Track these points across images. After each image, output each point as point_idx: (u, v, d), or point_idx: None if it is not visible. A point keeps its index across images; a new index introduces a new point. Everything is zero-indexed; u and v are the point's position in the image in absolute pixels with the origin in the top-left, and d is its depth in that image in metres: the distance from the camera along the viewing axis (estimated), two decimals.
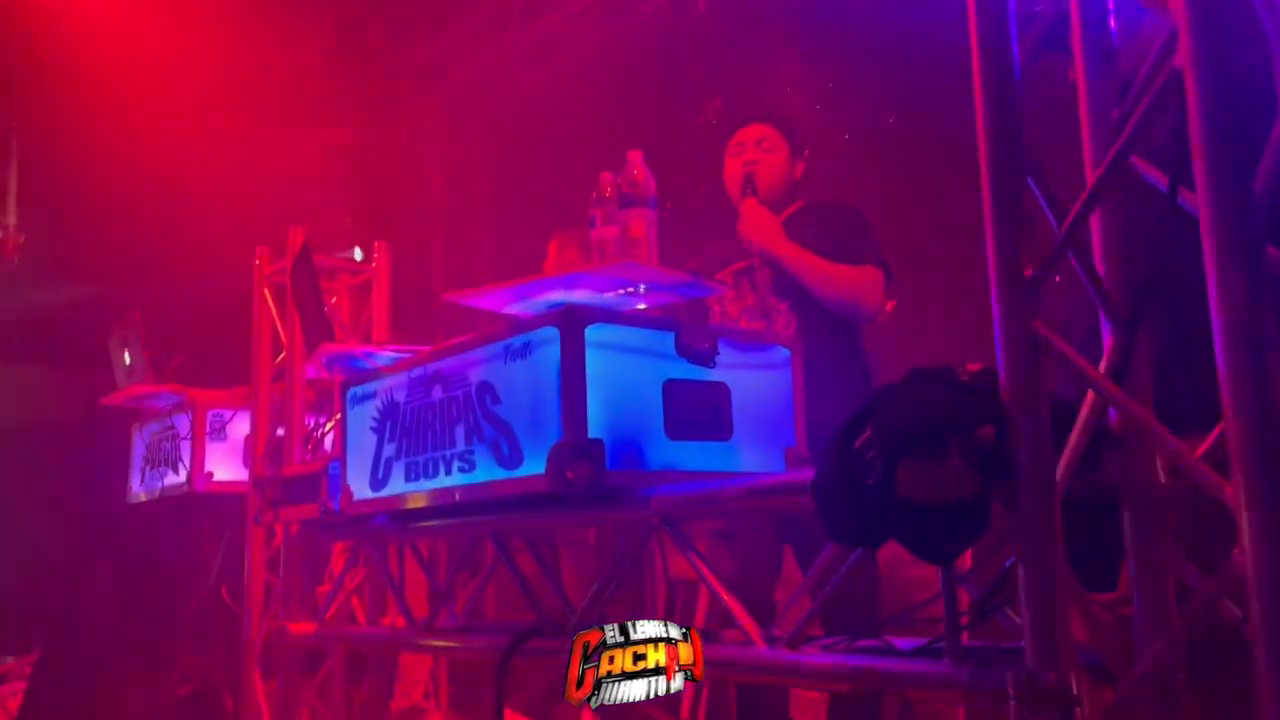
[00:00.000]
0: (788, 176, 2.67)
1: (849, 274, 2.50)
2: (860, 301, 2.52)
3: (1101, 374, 1.27)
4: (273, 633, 2.84)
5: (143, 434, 3.72)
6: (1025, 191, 1.29)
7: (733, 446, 1.95)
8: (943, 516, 1.24)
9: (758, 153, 2.64)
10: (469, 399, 1.99)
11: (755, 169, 2.60)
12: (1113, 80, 1.45)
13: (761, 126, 2.67)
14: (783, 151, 2.66)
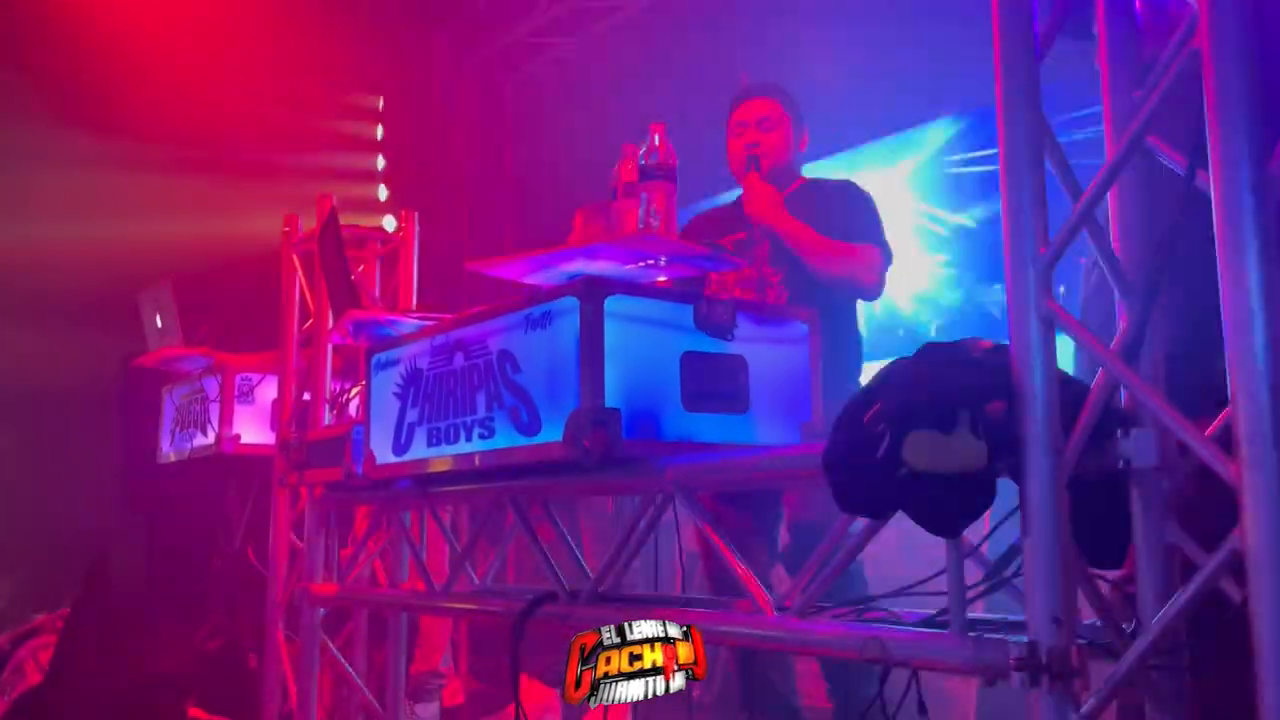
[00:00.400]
0: (791, 151, 2.68)
1: (848, 251, 2.53)
2: (857, 279, 2.55)
3: (1112, 352, 1.28)
4: (296, 593, 2.90)
5: (173, 396, 3.79)
6: (1042, 169, 1.30)
7: (749, 419, 1.97)
8: (949, 488, 1.26)
9: (759, 133, 2.65)
10: (490, 367, 2.03)
11: (758, 150, 2.61)
12: (1136, 63, 1.45)
13: (763, 102, 2.67)
14: (785, 126, 2.67)
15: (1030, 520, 1.26)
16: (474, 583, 2.58)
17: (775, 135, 2.65)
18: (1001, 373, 1.29)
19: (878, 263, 2.56)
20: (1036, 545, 1.25)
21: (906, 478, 1.28)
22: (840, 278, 2.53)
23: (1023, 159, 1.29)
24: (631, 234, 1.78)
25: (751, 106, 2.68)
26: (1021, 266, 1.28)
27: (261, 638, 3.29)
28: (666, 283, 2.05)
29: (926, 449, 1.26)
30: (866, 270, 2.54)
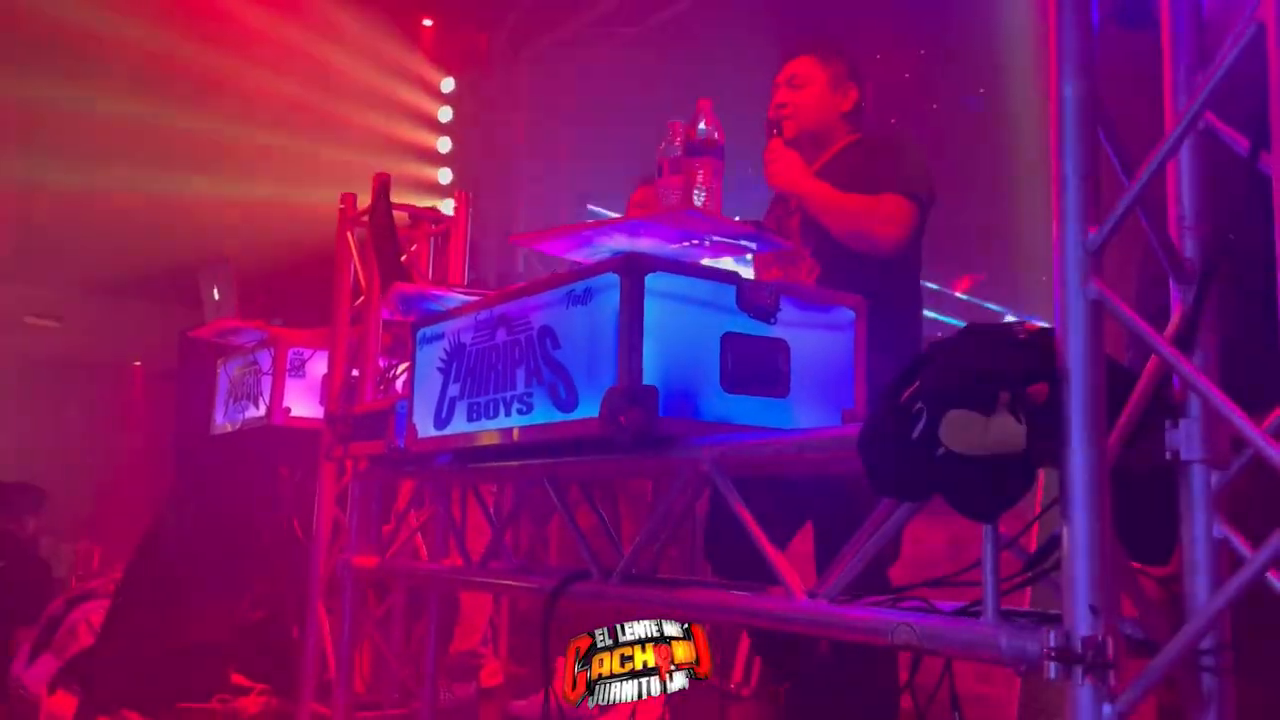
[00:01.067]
0: (827, 109, 2.51)
1: (860, 204, 2.34)
2: (869, 232, 2.32)
3: (1165, 339, 1.24)
4: (337, 565, 2.94)
5: (227, 369, 3.86)
6: (1095, 143, 1.25)
7: (789, 404, 1.94)
8: (986, 471, 1.22)
9: (788, 93, 2.50)
10: (530, 342, 2.03)
11: (784, 111, 2.48)
12: (1198, 46, 1.40)
13: (797, 60, 2.52)
14: (818, 84, 2.51)
15: (1070, 507, 1.22)
16: (509, 559, 2.58)
17: (805, 94, 2.49)
18: (1046, 355, 1.25)
19: (897, 213, 2.32)
20: (1076, 533, 1.20)
21: (942, 459, 1.24)
22: (855, 233, 2.33)
23: (1074, 131, 1.24)
24: (675, 209, 1.76)
25: (787, 65, 2.54)
26: (1070, 246, 1.24)
27: (304, 609, 3.34)
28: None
29: (964, 430, 1.22)
30: (882, 221, 2.32)
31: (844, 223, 2.35)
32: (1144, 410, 1.29)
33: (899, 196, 2.35)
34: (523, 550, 3.78)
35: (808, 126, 2.50)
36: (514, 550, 3.57)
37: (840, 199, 2.36)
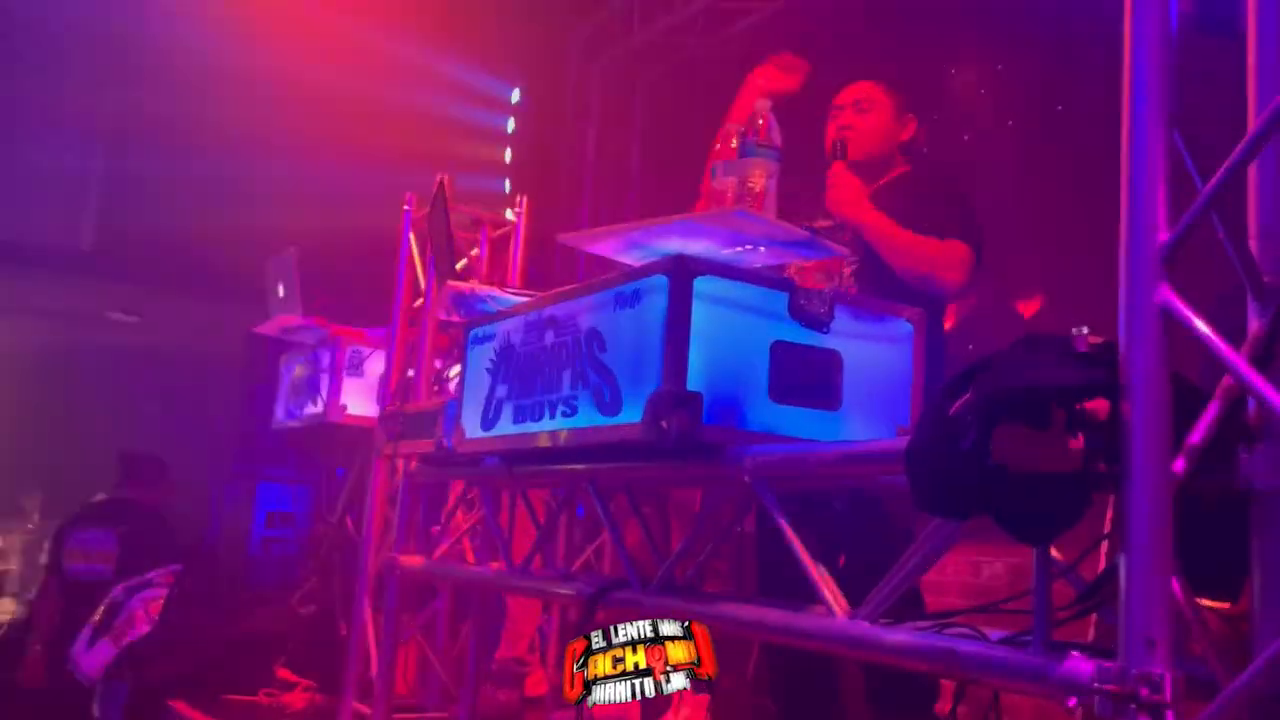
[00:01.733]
0: (888, 138, 2.52)
1: (928, 246, 2.36)
2: (936, 276, 2.36)
3: (1240, 355, 1.15)
4: (383, 564, 2.93)
5: (289, 365, 3.91)
6: (1170, 143, 1.17)
7: (840, 418, 1.87)
8: (1040, 490, 1.15)
9: (853, 115, 2.51)
10: (578, 344, 1.99)
11: (848, 134, 2.47)
12: None
13: (862, 84, 2.53)
14: (883, 111, 2.52)
15: (1129, 533, 1.13)
16: (553, 566, 2.55)
17: (870, 118, 2.51)
18: (1109, 370, 1.18)
19: (961, 259, 2.37)
20: (1134, 560, 1.12)
21: (992, 476, 1.17)
22: (920, 275, 2.35)
23: (1148, 130, 1.17)
24: (726, 209, 1.71)
25: (851, 89, 2.56)
26: (1139, 251, 1.16)
27: (352, 607, 3.34)
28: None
29: (1016, 445, 1.15)
30: (948, 266, 2.36)
31: (911, 262, 2.37)
32: (1216, 432, 1.20)
33: (964, 244, 2.39)
34: (575, 559, 3.75)
35: (870, 151, 2.52)
36: (565, 558, 3.54)
37: (907, 238, 2.37)
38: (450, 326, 3.15)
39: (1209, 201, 1.18)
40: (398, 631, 2.91)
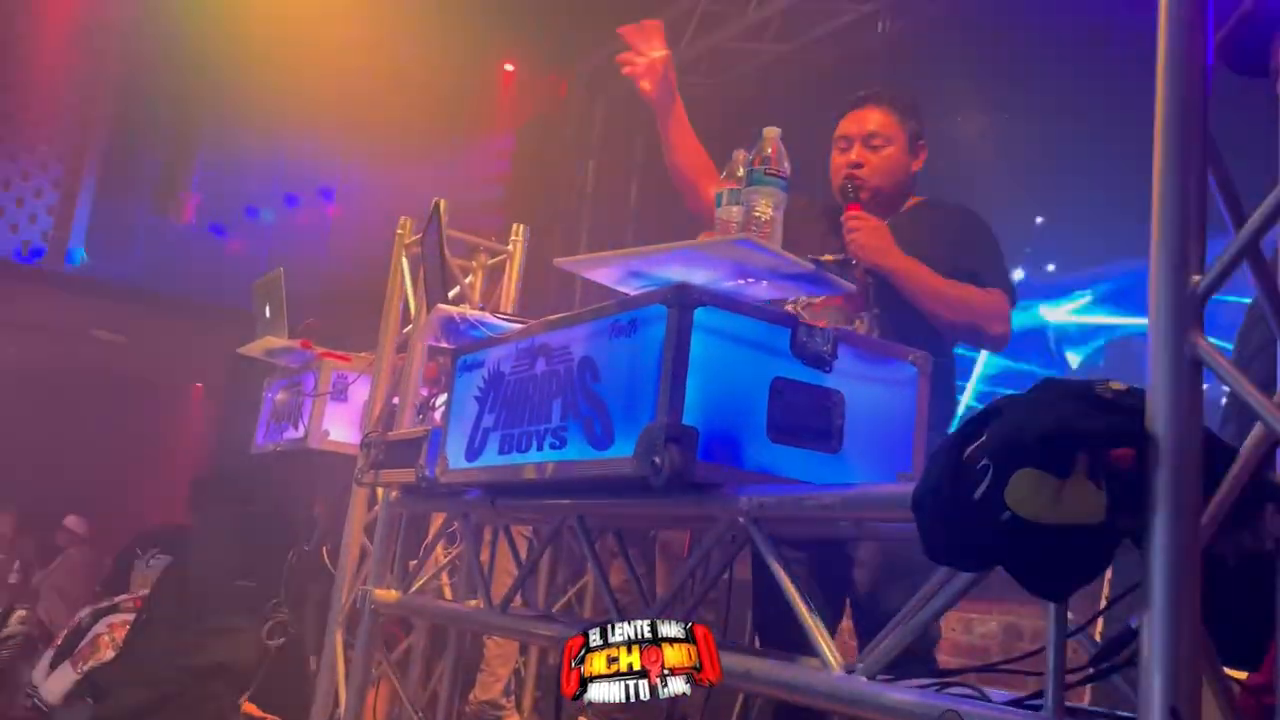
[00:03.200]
0: (901, 171, 2.35)
1: (974, 297, 2.23)
2: (985, 329, 2.25)
3: (1275, 404, 1.08)
4: (357, 597, 2.83)
5: (272, 389, 3.82)
6: (1203, 185, 1.12)
7: (840, 460, 1.80)
8: (1058, 542, 1.07)
9: (865, 151, 2.31)
10: (570, 374, 1.92)
11: (860, 173, 2.29)
12: None
13: (874, 112, 2.33)
14: (898, 144, 2.33)
15: (1153, 591, 1.06)
16: (536, 608, 2.46)
17: (884, 155, 2.32)
18: (1134, 417, 1.11)
19: (1004, 309, 2.26)
20: (1158, 622, 1.05)
21: (1007, 525, 1.09)
22: (963, 326, 2.24)
23: (1179, 171, 1.11)
24: (730, 237, 1.64)
25: (861, 118, 2.35)
26: (1169, 296, 1.10)
27: (323, 640, 3.23)
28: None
29: (1034, 493, 1.08)
30: (993, 318, 2.24)
31: (956, 314, 2.24)
32: (1241, 490, 1.13)
33: (1004, 295, 2.29)
34: (557, 600, 3.65)
35: (884, 189, 2.34)
36: (546, 599, 3.44)
37: (950, 287, 2.23)
38: (439, 353, 3.08)
39: (1242, 250, 1.12)
40: (369, 668, 2.80)
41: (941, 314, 2.23)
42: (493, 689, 3.77)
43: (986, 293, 2.25)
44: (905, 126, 2.35)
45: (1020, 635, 3.16)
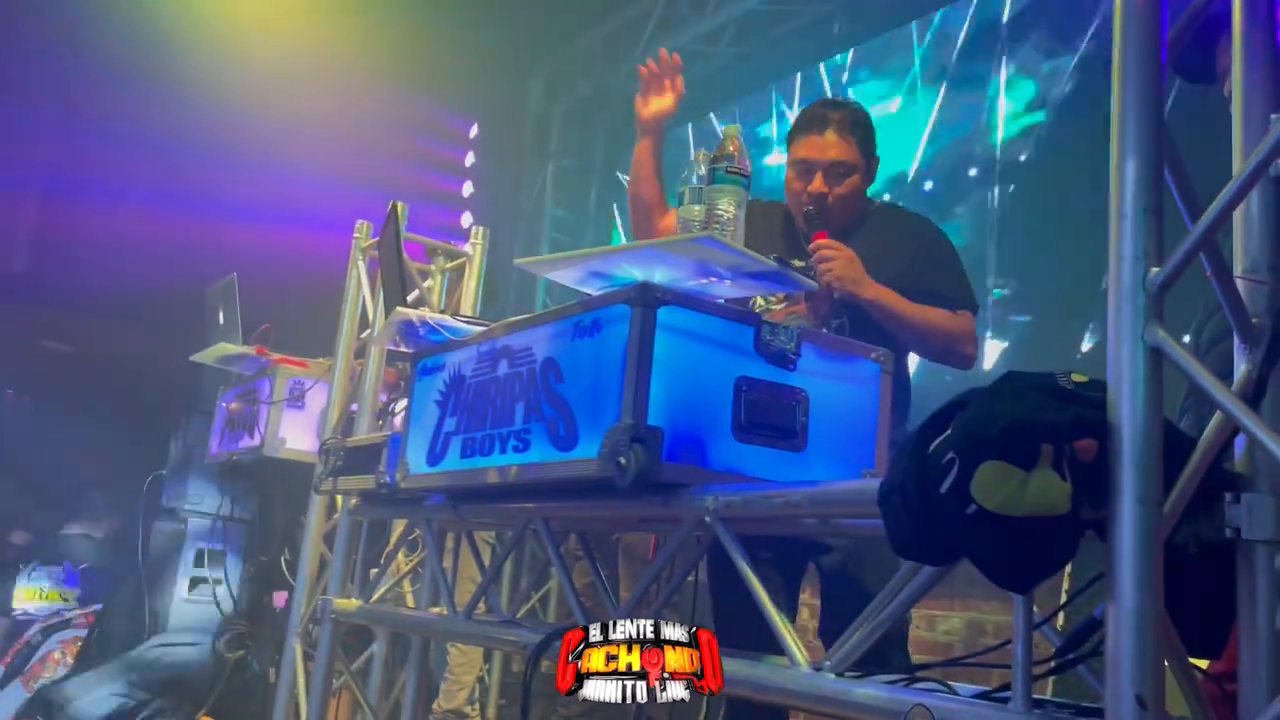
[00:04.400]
0: (862, 196, 2.35)
1: (946, 322, 2.24)
2: (955, 351, 2.27)
3: (1235, 394, 1.10)
4: (317, 606, 2.79)
5: (227, 397, 3.76)
6: (1160, 177, 1.13)
7: (805, 459, 1.80)
8: (1024, 534, 1.08)
9: (829, 182, 2.26)
10: (533, 376, 1.90)
11: (827, 203, 2.26)
12: (1275, 88, 1.28)
13: (838, 141, 2.27)
14: (860, 171, 2.30)
15: (1117, 581, 1.07)
16: (501, 614, 2.43)
17: (848, 184, 2.28)
18: (1097, 408, 1.12)
19: (972, 329, 2.27)
20: (1123, 612, 1.05)
21: (974, 518, 1.10)
22: (936, 351, 2.25)
23: (1139, 165, 1.12)
24: (692, 235, 1.64)
25: (822, 144, 2.28)
26: (1128, 286, 1.11)
27: (281, 650, 3.18)
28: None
29: (1000, 485, 1.08)
30: (964, 340, 2.25)
31: (928, 341, 2.26)
32: (1202, 479, 1.15)
33: (971, 315, 2.30)
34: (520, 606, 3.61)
35: (843, 217, 2.32)
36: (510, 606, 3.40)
37: (921, 315, 2.22)
38: (398, 358, 3.05)
39: (1199, 242, 1.14)
40: (330, 678, 2.76)
41: (915, 341, 2.25)
42: (457, 697, 3.73)
43: (956, 316, 2.26)
44: (865, 152, 2.31)
45: (984, 631, 3.19)
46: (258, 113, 4.83)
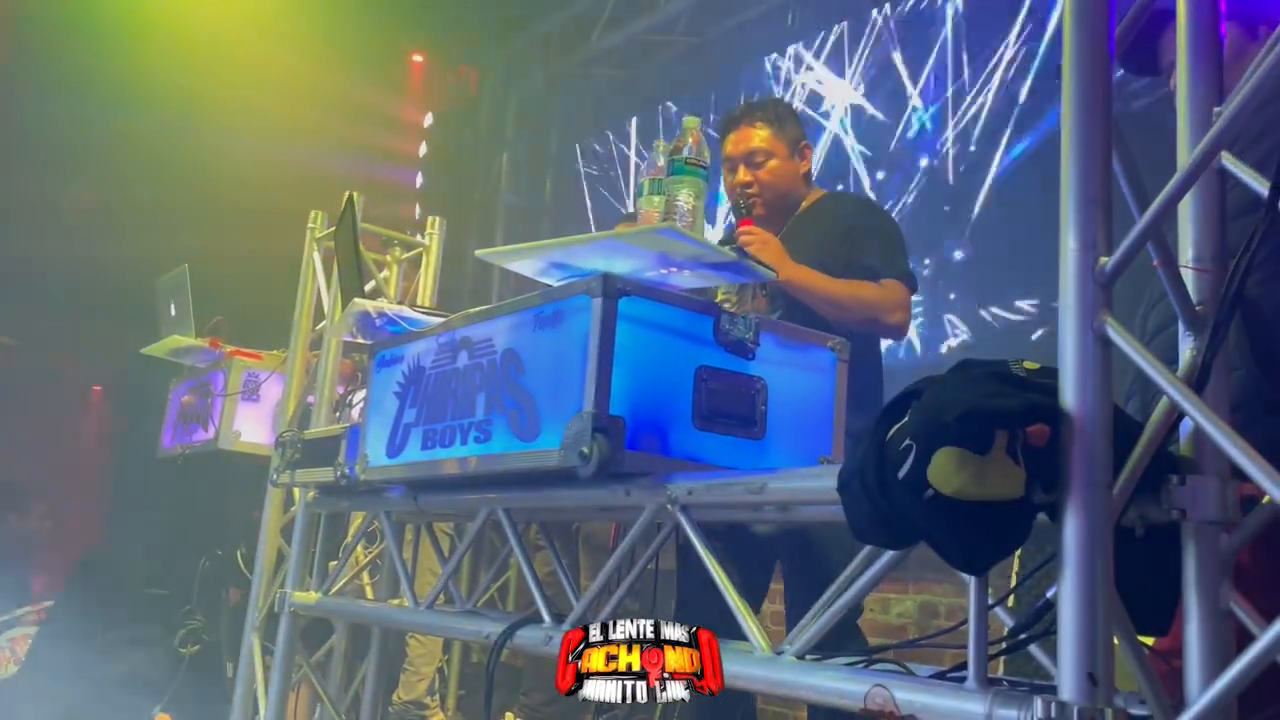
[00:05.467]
0: (790, 177, 2.43)
1: (866, 293, 2.29)
2: (881, 320, 2.31)
3: (1180, 379, 1.13)
4: (275, 600, 2.77)
5: (179, 390, 3.71)
6: (1109, 171, 1.16)
7: (764, 446, 1.83)
8: (979, 517, 1.11)
9: (750, 170, 2.40)
10: (494, 366, 1.91)
11: (750, 191, 2.38)
12: (1216, 81, 1.32)
13: (750, 131, 2.41)
14: (780, 155, 2.41)
15: (1068, 563, 1.10)
16: (459, 602, 2.43)
17: (768, 170, 2.40)
18: (1049, 394, 1.15)
19: (901, 298, 2.31)
20: (1074, 591, 1.09)
21: (931, 503, 1.12)
22: (860, 322, 2.29)
23: (1088, 157, 1.15)
24: (652, 226, 1.65)
25: (739, 138, 2.42)
26: (1078, 276, 1.14)
27: (240, 646, 3.15)
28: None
29: (956, 471, 1.11)
30: (890, 309, 2.30)
31: (850, 314, 2.28)
32: (1149, 462, 1.18)
33: (900, 284, 2.33)
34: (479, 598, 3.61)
35: (775, 200, 2.43)
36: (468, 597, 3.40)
37: (841, 289, 2.28)
38: (354, 349, 3.03)
39: (1145, 232, 1.17)
40: (289, 672, 2.74)
41: (836, 315, 2.28)
42: (417, 688, 3.73)
43: (881, 286, 2.31)
44: (784, 136, 2.42)
45: (936, 613, 3.24)
46: (209, 101, 4.75)
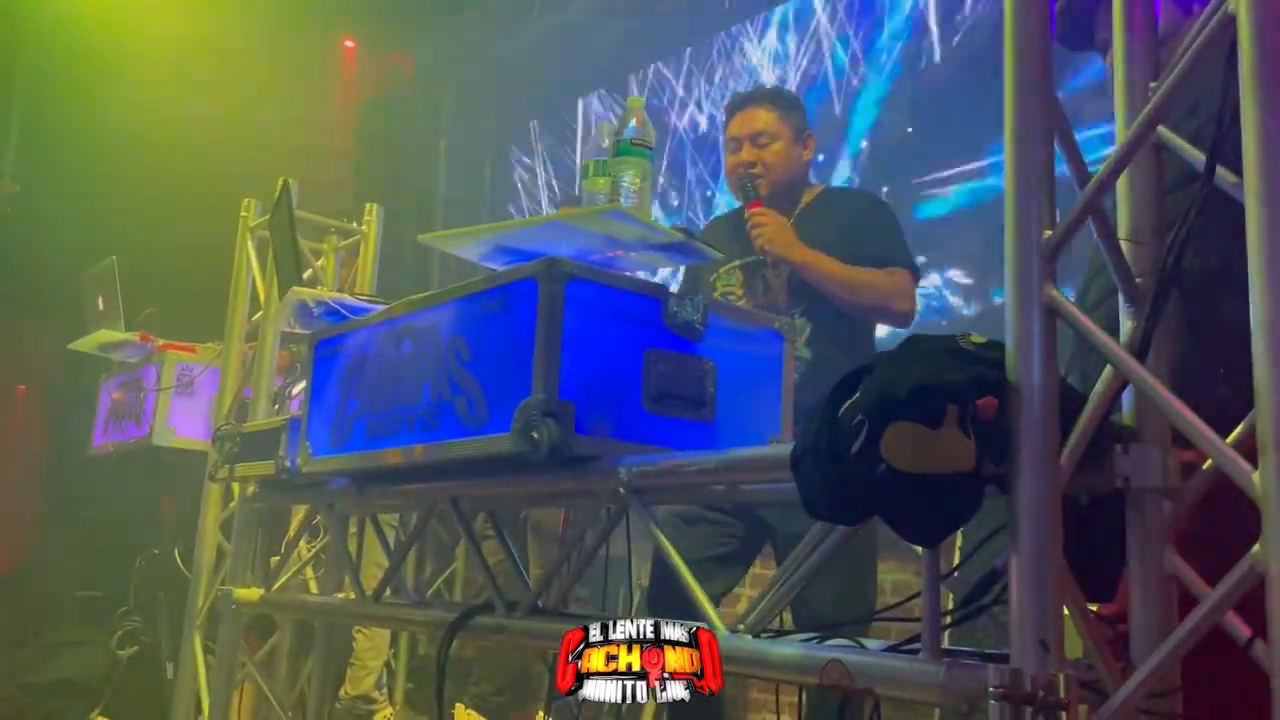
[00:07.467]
0: (793, 164, 2.49)
1: (876, 280, 2.36)
2: (890, 307, 2.39)
3: (1124, 349, 1.16)
4: (217, 598, 2.71)
5: (109, 386, 3.60)
6: (1050, 147, 1.18)
7: (714, 428, 1.83)
8: (931, 490, 1.12)
9: (754, 151, 2.45)
10: (439, 354, 1.88)
11: (754, 171, 2.43)
12: (1153, 58, 1.35)
13: (758, 112, 2.47)
14: (784, 139, 2.47)
15: (1018, 532, 1.12)
16: (407, 594, 2.40)
17: (772, 151, 2.45)
18: (996, 367, 1.16)
19: (908, 287, 2.40)
20: (1025, 560, 1.11)
21: (883, 477, 1.13)
22: (869, 308, 2.37)
23: (1029, 135, 1.17)
24: (598, 208, 1.64)
25: (745, 119, 2.48)
26: (1024, 249, 1.16)
27: (180, 646, 3.07)
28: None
29: (908, 445, 1.12)
30: (898, 297, 2.38)
31: (859, 299, 2.36)
32: (1093, 434, 1.21)
33: (907, 272, 2.41)
34: (425, 590, 3.58)
35: (779, 182, 2.48)
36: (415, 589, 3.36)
37: (851, 274, 2.36)
38: (291, 340, 2.96)
39: (1086, 206, 1.19)
40: (233, 671, 2.69)
41: (848, 299, 2.36)
42: (364, 683, 3.68)
43: (889, 273, 2.38)
44: (789, 121, 2.47)
45: (882, 590, 3.28)
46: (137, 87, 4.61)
